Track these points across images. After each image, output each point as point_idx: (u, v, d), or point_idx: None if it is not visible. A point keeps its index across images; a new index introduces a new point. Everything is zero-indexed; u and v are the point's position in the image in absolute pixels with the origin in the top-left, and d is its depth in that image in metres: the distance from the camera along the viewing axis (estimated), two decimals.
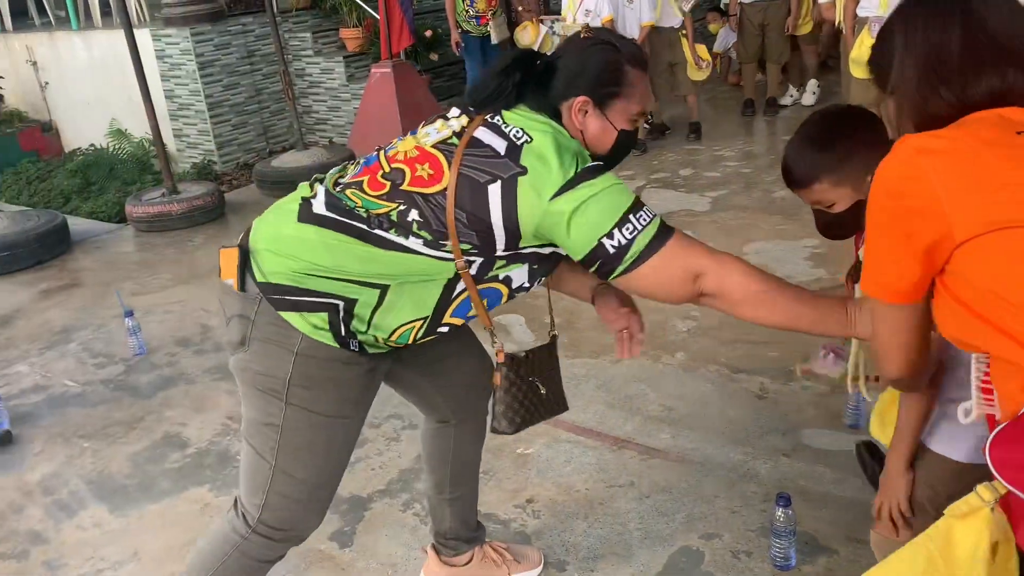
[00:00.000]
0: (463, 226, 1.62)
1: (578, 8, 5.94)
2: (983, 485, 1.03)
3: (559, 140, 1.62)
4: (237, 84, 7.49)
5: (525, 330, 3.76)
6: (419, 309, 1.69)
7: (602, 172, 1.60)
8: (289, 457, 1.75)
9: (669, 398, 3.12)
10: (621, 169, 5.85)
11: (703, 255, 1.58)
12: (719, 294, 1.58)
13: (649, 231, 1.56)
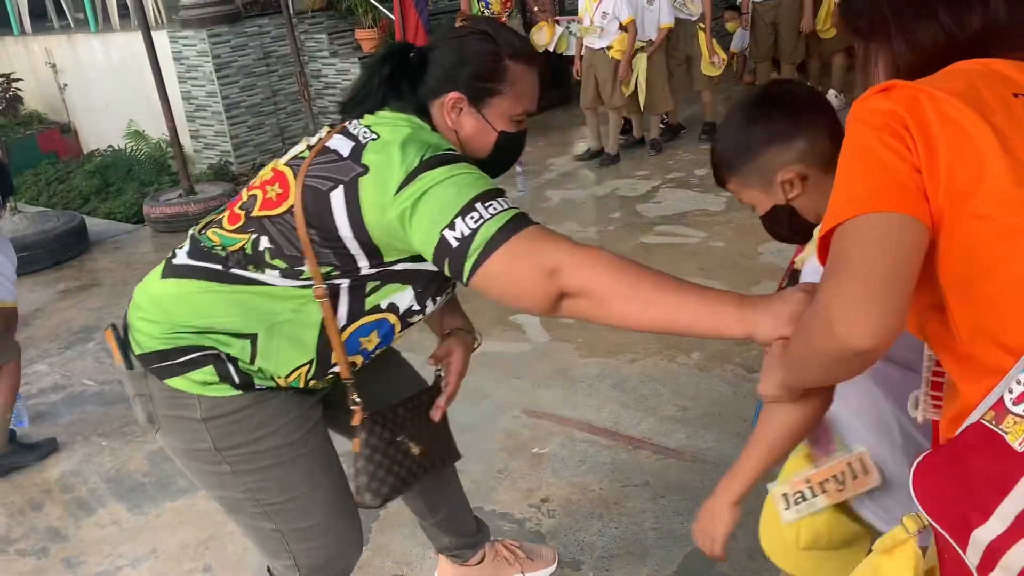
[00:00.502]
0: (318, 244, 1.46)
1: (595, 10, 5.94)
2: (908, 516, 0.98)
3: (411, 134, 1.45)
4: (253, 85, 7.53)
5: (540, 330, 3.77)
6: (300, 353, 1.54)
7: (453, 161, 1.40)
8: (282, 514, 1.64)
9: (684, 398, 3.12)
10: (636, 168, 5.86)
11: (561, 248, 1.31)
12: (582, 291, 1.28)
13: (498, 220, 1.32)
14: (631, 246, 4.60)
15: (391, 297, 1.55)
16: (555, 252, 1.30)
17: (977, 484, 0.87)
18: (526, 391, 3.27)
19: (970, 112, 0.92)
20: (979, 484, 0.87)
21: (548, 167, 6.36)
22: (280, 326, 1.52)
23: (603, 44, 5.98)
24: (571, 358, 3.47)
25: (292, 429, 1.61)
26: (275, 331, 1.52)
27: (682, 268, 4.24)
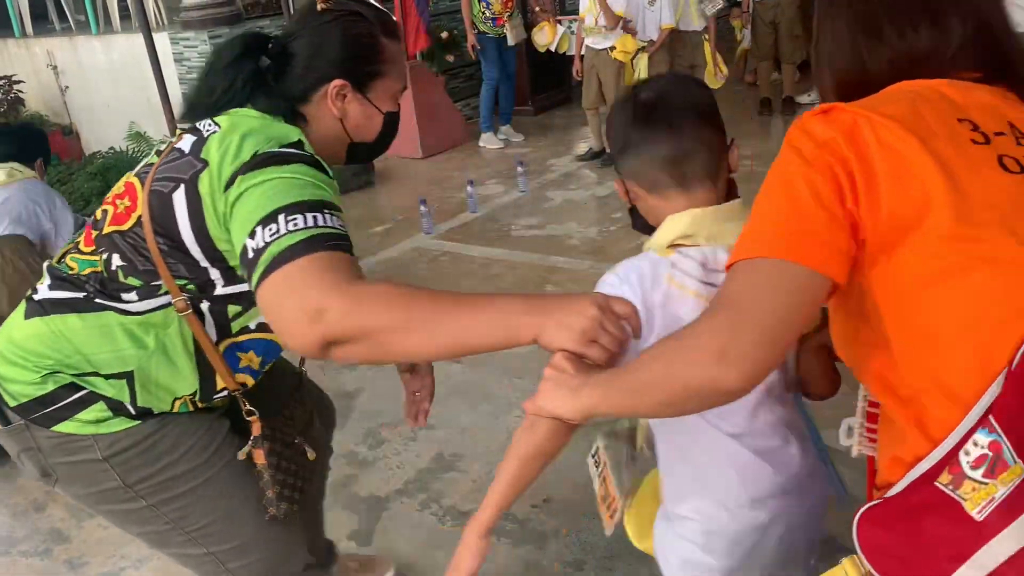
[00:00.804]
0: (166, 254, 1.35)
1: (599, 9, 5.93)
2: (849, 559, 0.94)
3: (257, 126, 1.35)
4: None
5: None
6: (181, 382, 1.45)
7: (285, 161, 1.25)
8: (210, 537, 1.54)
9: None
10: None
11: (334, 287, 1.10)
12: (353, 337, 1.09)
13: (291, 237, 1.14)
14: (632, 245, 4.59)
15: (259, 318, 1.45)
16: (325, 290, 1.10)
17: (932, 548, 0.84)
18: (528, 391, 3.25)
19: (912, 140, 0.89)
20: (934, 548, 0.84)
21: (549, 167, 6.36)
22: (152, 359, 1.41)
23: (606, 44, 5.98)
24: None
25: (201, 448, 1.50)
26: (149, 365, 1.41)
27: None
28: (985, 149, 0.90)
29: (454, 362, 3.57)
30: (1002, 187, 0.88)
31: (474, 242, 5.00)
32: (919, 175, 0.88)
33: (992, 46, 0.99)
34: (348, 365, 3.64)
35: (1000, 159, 0.90)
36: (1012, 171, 0.89)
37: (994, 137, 0.91)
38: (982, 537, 0.80)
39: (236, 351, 1.48)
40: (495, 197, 5.80)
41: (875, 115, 0.92)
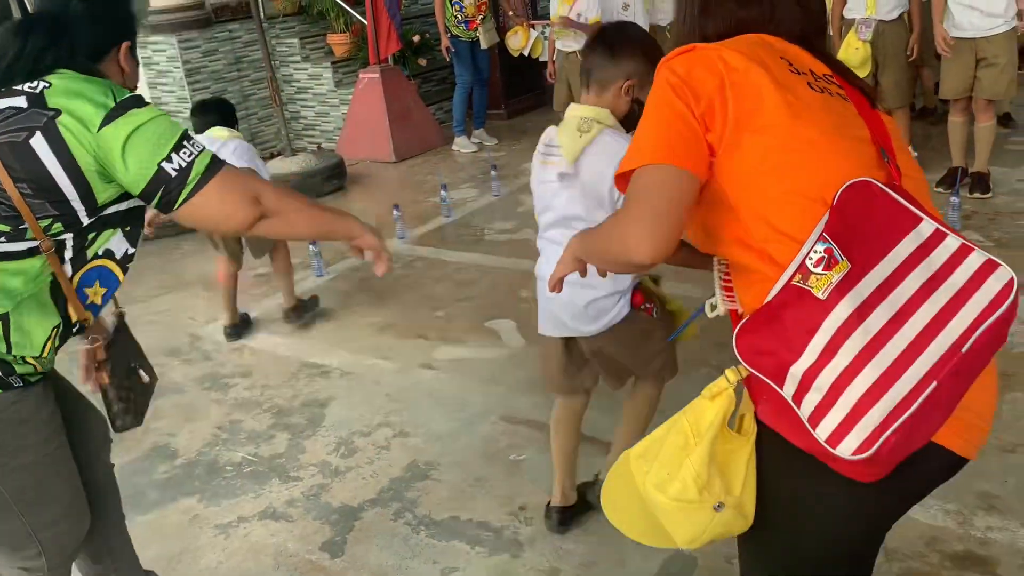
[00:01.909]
0: (31, 197, 1.51)
1: (569, 12, 5.93)
2: (730, 369, 1.25)
3: (84, 79, 1.56)
4: (224, 91, 7.45)
5: (517, 335, 3.74)
6: (48, 317, 1.61)
7: (145, 103, 1.57)
8: (35, 507, 1.67)
9: (661, 402, 3.10)
10: None
11: (257, 180, 1.65)
12: (276, 212, 1.62)
13: (204, 157, 1.56)
14: None
15: (107, 243, 1.65)
16: (255, 183, 1.62)
17: (790, 332, 1.13)
18: (503, 397, 3.25)
19: (751, 64, 1.23)
20: (792, 331, 1.12)
21: (523, 171, 6.33)
22: (25, 300, 1.57)
23: (577, 47, 5.98)
24: None
25: (49, 419, 1.67)
26: (22, 305, 1.57)
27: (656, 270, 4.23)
28: (798, 76, 1.27)
29: (427, 368, 3.54)
30: (813, 98, 1.25)
31: (448, 247, 4.97)
32: (755, 83, 1.22)
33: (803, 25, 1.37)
34: (321, 373, 3.59)
35: (808, 84, 1.27)
36: (816, 91, 1.26)
37: (802, 73, 1.28)
38: (826, 309, 1.09)
39: (84, 287, 1.65)
40: (469, 201, 5.77)
41: (724, 48, 1.26)
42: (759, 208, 1.23)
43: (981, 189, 4.71)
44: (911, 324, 1.06)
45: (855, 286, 1.09)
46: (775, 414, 1.22)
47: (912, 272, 1.08)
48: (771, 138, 1.21)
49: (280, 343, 3.95)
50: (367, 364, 3.64)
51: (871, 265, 1.10)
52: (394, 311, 4.15)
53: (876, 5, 4.94)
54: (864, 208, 1.14)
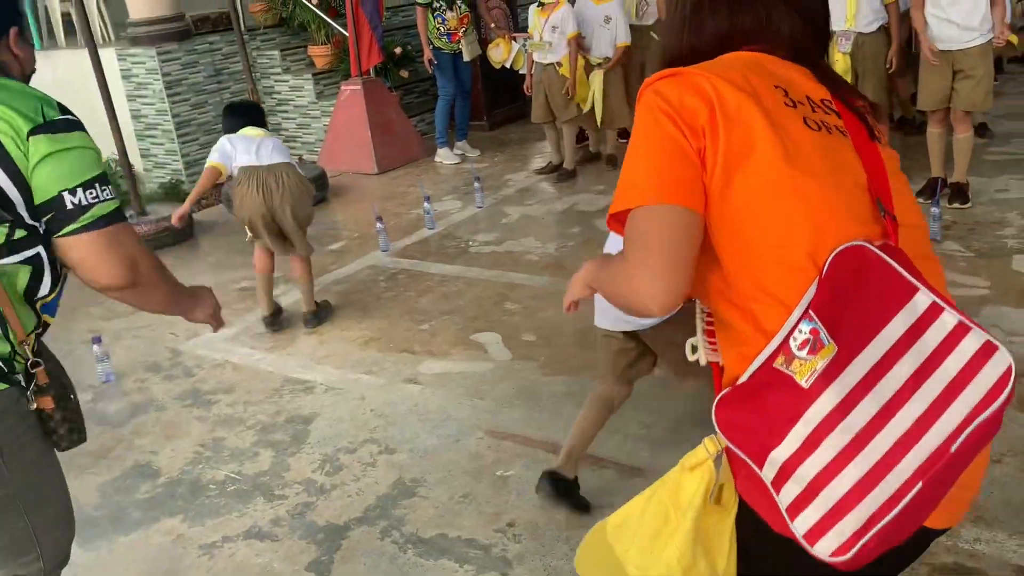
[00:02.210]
0: None
1: (544, 25, 5.95)
2: (709, 439, 1.20)
3: (14, 86, 1.57)
4: (205, 103, 7.41)
5: (502, 348, 3.73)
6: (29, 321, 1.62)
7: (80, 129, 1.59)
8: (38, 508, 1.69)
9: (648, 414, 3.10)
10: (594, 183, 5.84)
11: (140, 247, 1.65)
12: (146, 283, 1.66)
13: (109, 205, 1.58)
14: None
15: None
16: (140, 251, 1.64)
17: (772, 415, 1.06)
18: (489, 412, 3.23)
19: (743, 97, 1.13)
20: (774, 415, 1.06)
21: (506, 183, 6.34)
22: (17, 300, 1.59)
23: (553, 59, 6.00)
24: (535, 376, 3.44)
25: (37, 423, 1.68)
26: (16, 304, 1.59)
27: None
28: (793, 111, 1.16)
29: (412, 383, 3.52)
30: (808, 139, 1.14)
31: (432, 259, 4.95)
32: (747, 122, 1.12)
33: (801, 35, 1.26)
34: (305, 389, 3.56)
35: (804, 119, 1.16)
36: (813, 129, 1.16)
37: (798, 104, 1.18)
38: (810, 398, 1.02)
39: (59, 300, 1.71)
40: (452, 213, 5.76)
41: (714, 76, 1.15)
42: (745, 262, 1.14)
43: (960, 199, 4.75)
44: (898, 420, 0.99)
45: (840, 374, 1.01)
46: (755, 491, 1.14)
47: (902, 357, 1.00)
48: (761, 182, 1.11)
49: (263, 358, 3.91)
50: (351, 379, 3.61)
51: (859, 348, 1.02)
52: (378, 325, 4.12)
53: (855, 18, 4.99)
54: (855, 278, 1.06)
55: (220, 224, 6.08)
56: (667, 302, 1.11)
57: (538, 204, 5.76)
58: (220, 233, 5.89)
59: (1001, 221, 4.55)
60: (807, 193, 1.11)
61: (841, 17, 5.02)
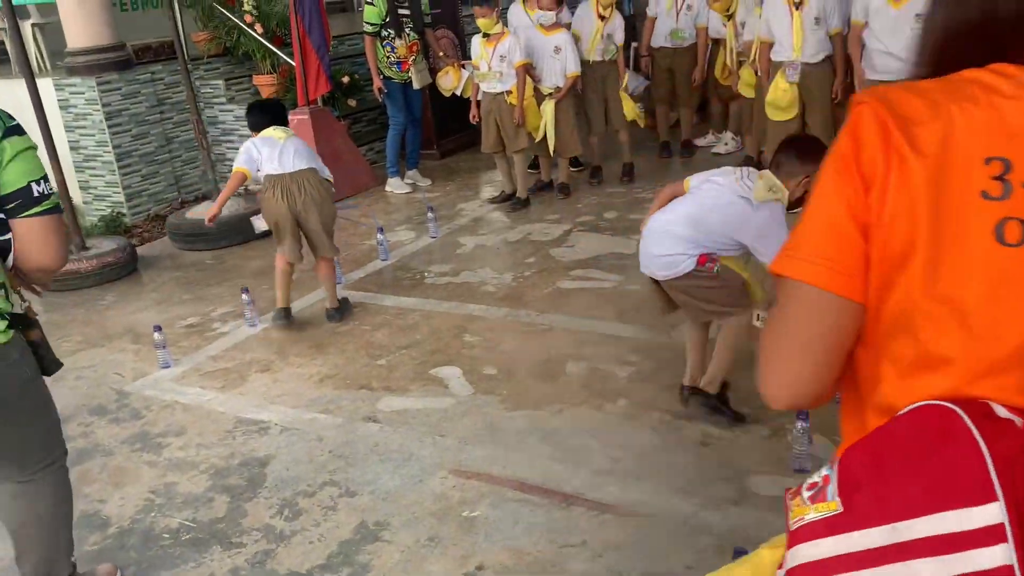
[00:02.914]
0: None
1: (492, 55, 5.95)
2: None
3: None
4: (147, 133, 7.24)
5: (463, 383, 3.66)
6: None
7: (24, 132, 2.04)
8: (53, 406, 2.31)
9: (614, 448, 3.07)
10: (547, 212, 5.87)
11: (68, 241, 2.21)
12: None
13: (55, 198, 2.06)
14: (548, 291, 4.57)
15: None
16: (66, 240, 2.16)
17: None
18: (452, 449, 3.16)
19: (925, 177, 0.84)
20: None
21: (459, 212, 6.30)
22: None
23: (503, 88, 6.00)
24: (497, 411, 3.38)
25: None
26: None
27: (600, 312, 4.23)
28: (992, 207, 0.82)
29: (371, 421, 3.43)
30: (982, 262, 0.83)
31: (386, 291, 4.87)
32: (913, 220, 0.85)
33: None
34: (259, 430, 3.45)
35: (1001, 224, 0.82)
36: (1008, 243, 0.82)
37: (1019, 188, 0.82)
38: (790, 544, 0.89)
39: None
40: (406, 243, 5.69)
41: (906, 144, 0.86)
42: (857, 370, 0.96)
43: None
44: None
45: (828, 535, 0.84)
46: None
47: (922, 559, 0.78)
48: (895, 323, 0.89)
49: (214, 398, 3.78)
50: (307, 418, 3.51)
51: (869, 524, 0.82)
52: (333, 361, 4.03)
53: (802, 48, 5.10)
54: (925, 445, 0.82)
55: (165, 258, 5.92)
56: (784, 399, 0.97)
57: (492, 234, 5.73)
58: (165, 267, 5.72)
59: None
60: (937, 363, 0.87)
61: (788, 48, 5.13)
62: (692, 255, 2.96)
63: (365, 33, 6.79)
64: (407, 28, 6.78)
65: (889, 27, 4.61)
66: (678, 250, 2.97)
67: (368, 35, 6.72)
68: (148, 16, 8.80)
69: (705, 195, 3.01)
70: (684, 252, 2.96)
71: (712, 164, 7.07)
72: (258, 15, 7.33)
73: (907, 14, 4.55)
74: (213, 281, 5.35)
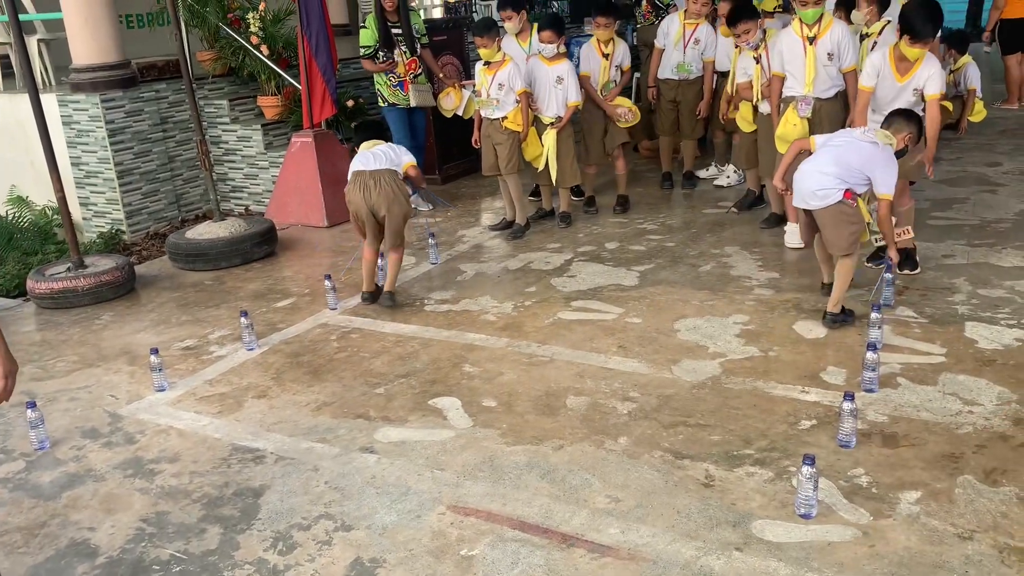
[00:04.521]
0: None
1: (491, 82, 5.96)
2: None
3: None
4: (149, 151, 7.23)
5: (462, 414, 3.62)
6: None
7: None
8: None
9: (615, 488, 3.02)
10: (548, 241, 5.85)
11: None
12: None
13: None
14: (549, 321, 4.53)
15: None
16: None
17: None
18: (451, 484, 3.11)
19: None
20: None
21: (460, 239, 6.28)
22: None
23: (499, 115, 6.01)
24: (497, 446, 3.33)
25: None
26: None
27: (602, 345, 4.19)
28: None
29: (368, 452, 3.38)
30: None
31: (385, 317, 4.83)
32: None
33: None
34: (254, 458, 3.39)
35: None
36: None
37: None
38: None
39: None
40: (406, 269, 5.65)
41: None
42: None
43: (910, 266, 4.84)
44: None
45: None
46: None
47: None
48: None
49: (209, 424, 3.73)
50: (304, 448, 3.46)
51: None
52: (331, 388, 3.98)
53: (814, 84, 5.12)
54: None
55: (163, 278, 5.87)
56: None
57: (493, 261, 5.70)
58: (163, 287, 5.68)
59: (950, 287, 4.64)
60: None
61: (800, 83, 5.15)
62: (840, 188, 4.05)
63: (361, 57, 6.82)
64: (402, 47, 6.79)
65: (889, 98, 4.68)
66: (829, 185, 4.06)
67: (364, 58, 6.75)
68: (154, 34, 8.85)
69: (840, 145, 4.18)
70: (834, 187, 4.05)
71: (715, 197, 7.14)
72: (264, 36, 7.34)
73: (908, 87, 4.64)
74: (211, 303, 5.31)
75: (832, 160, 4.10)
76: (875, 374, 3.54)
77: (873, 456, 3.09)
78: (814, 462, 2.72)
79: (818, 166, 4.14)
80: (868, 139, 4.11)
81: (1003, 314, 4.25)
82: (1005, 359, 3.77)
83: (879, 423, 3.32)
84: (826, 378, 3.71)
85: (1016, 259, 4.97)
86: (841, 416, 3.14)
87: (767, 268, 5.16)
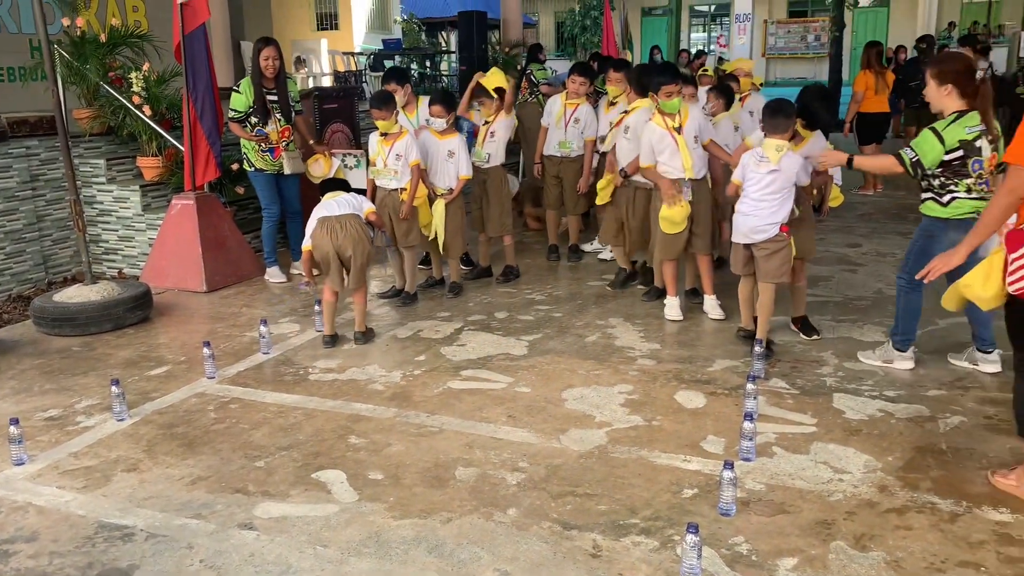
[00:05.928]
0: None
1: (388, 153, 6.00)
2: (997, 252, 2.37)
3: None
4: (15, 209, 6.87)
5: (347, 488, 3.52)
6: None
7: None
8: None
9: (504, 561, 2.99)
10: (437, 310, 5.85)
11: None
12: None
13: None
14: (439, 391, 4.50)
15: None
16: None
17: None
18: (334, 562, 3.00)
19: None
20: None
21: (347, 306, 6.19)
22: None
23: (397, 185, 6.04)
24: (383, 520, 3.25)
25: None
26: None
27: (491, 415, 4.19)
28: None
29: (247, 528, 3.23)
30: None
31: (267, 387, 4.68)
32: None
33: None
34: (123, 536, 3.19)
35: None
36: None
37: None
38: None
39: None
40: (290, 336, 5.53)
41: None
42: None
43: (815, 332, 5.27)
44: None
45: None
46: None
47: None
48: None
49: (72, 500, 3.49)
50: (177, 524, 3.28)
51: None
52: (207, 461, 3.80)
53: (693, 169, 5.42)
54: None
55: (26, 343, 5.53)
56: None
57: (381, 330, 5.64)
58: (26, 353, 5.34)
59: (819, 360, 4.90)
60: None
61: (678, 168, 5.42)
62: (776, 223, 4.75)
63: (230, 120, 6.75)
64: (276, 115, 6.75)
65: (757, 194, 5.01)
66: (766, 223, 4.75)
67: (233, 121, 6.69)
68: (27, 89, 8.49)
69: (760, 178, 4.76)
70: (770, 223, 4.75)
71: (598, 269, 7.34)
72: (147, 97, 7.16)
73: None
74: (79, 370, 5.02)
75: (764, 194, 4.74)
76: (752, 443, 3.67)
77: (752, 524, 3.19)
78: (698, 530, 2.78)
79: (755, 206, 4.79)
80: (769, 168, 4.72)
81: (867, 386, 4.51)
82: (870, 428, 3.99)
83: (757, 491, 3.43)
84: (706, 447, 3.82)
85: (876, 334, 5.30)
86: (721, 485, 3.23)
87: (649, 339, 5.32)
